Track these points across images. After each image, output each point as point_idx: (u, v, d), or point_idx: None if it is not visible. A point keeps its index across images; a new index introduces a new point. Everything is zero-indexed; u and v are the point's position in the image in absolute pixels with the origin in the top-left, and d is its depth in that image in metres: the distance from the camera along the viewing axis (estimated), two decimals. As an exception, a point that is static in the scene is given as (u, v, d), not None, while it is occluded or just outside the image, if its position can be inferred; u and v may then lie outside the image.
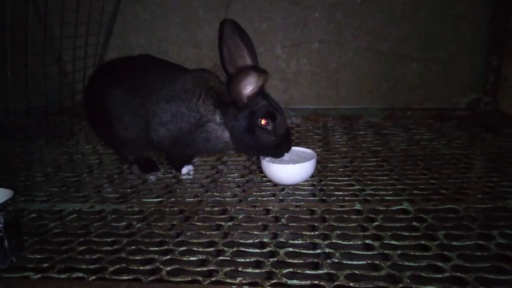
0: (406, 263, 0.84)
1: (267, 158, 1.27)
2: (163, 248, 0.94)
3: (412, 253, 0.87)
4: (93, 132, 1.54)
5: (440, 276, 0.79)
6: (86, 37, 1.70)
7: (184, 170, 1.39)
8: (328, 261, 0.85)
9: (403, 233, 0.95)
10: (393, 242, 0.91)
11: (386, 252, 0.88)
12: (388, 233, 0.95)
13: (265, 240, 0.95)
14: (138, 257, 0.90)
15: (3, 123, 1.56)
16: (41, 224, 1.08)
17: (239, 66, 1.17)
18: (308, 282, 0.79)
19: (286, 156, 1.26)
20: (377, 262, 0.84)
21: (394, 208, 1.08)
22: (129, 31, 1.97)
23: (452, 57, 1.87)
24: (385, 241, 0.92)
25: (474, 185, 1.19)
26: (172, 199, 1.20)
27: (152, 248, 0.94)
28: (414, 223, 0.99)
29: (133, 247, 0.95)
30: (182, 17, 1.93)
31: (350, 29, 1.89)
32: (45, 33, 1.53)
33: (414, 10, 1.84)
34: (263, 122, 1.18)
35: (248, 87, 1.14)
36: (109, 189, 1.29)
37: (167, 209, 1.14)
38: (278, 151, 1.22)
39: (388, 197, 1.14)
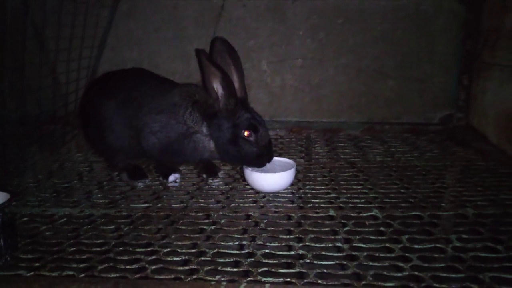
0: (371, 263, 0.92)
1: (250, 167, 1.35)
2: (149, 249, 1.01)
3: (377, 254, 0.96)
4: (85, 141, 1.61)
5: (400, 274, 0.88)
6: (80, 50, 1.78)
7: (171, 177, 1.46)
8: (301, 261, 0.93)
9: (371, 237, 1.03)
10: (361, 245, 1.00)
11: (353, 253, 0.96)
12: (357, 237, 1.03)
13: (244, 242, 1.03)
14: (125, 257, 0.97)
15: (-2, 131, 1.62)
16: (33, 227, 1.14)
17: None
18: (281, 279, 0.87)
19: (268, 165, 1.35)
20: (345, 263, 0.92)
21: (365, 214, 1.16)
22: (121, 45, 2.05)
23: (427, 75, 1.99)
24: (354, 244, 1.00)
25: (439, 194, 1.29)
26: (159, 205, 1.27)
27: (138, 249, 1.01)
28: (382, 228, 1.08)
29: (121, 248, 1.01)
30: (173, 32, 2.03)
31: (331, 47, 2.00)
32: (41, 46, 1.61)
33: (391, 31, 1.96)
34: (246, 133, 1.27)
35: (214, 80, 1.22)
36: (99, 195, 1.35)
37: (154, 214, 1.21)
38: (259, 161, 1.31)
39: (360, 205, 1.23)
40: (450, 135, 1.96)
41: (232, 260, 0.95)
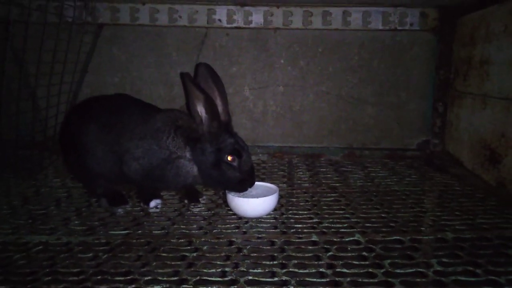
0: (354, 289, 0.92)
1: (232, 192, 1.35)
2: (128, 277, 0.98)
3: (360, 280, 0.96)
4: (64, 166, 1.57)
5: (383, 299, 0.88)
6: (61, 75, 1.77)
7: (152, 203, 1.43)
8: (284, 287, 0.93)
9: (354, 262, 1.03)
10: (344, 270, 0.99)
11: (337, 279, 0.96)
12: (340, 262, 1.03)
13: (227, 269, 1.01)
14: (103, 286, 0.94)
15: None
16: (6, 256, 1.09)
17: None
18: (265, 306, 0.86)
19: (251, 190, 1.35)
20: (328, 288, 0.92)
21: (347, 239, 1.17)
22: (104, 70, 2.06)
23: (403, 102, 2.07)
24: (337, 269, 1.00)
25: (419, 219, 1.31)
26: (140, 231, 1.24)
27: (117, 278, 0.97)
28: (364, 253, 1.08)
29: (99, 277, 0.98)
30: (155, 58, 2.05)
31: (312, 75, 2.06)
32: (21, 70, 1.59)
33: (368, 60, 2.04)
34: (229, 158, 1.28)
35: (198, 103, 1.24)
36: (76, 222, 1.31)
37: (134, 240, 1.18)
38: (242, 186, 1.31)
39: (342, 229, 1.23)
40: (428, 161, 2.02)
41: (214, 287, 0.93)
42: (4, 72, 1.50)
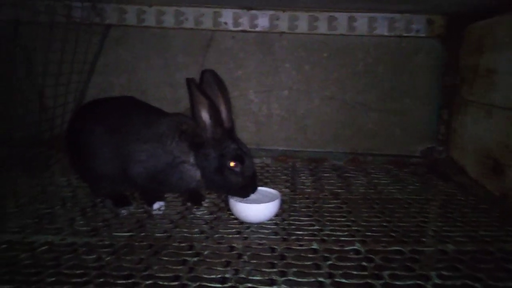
0: (353, 299, 0.93)
1: (234, 197, 1.36)
2: (130, 281, 0.99)
3: (359, 290, 0.97)
4: (70, 165, 1.59)
5: (381, 311, 0.89)
6: (69, 76, 1.79)
7: (156, 205, 1.45)
8: (283, 296, 0.94)
9: (353, 272, 1.04)
10: (343, 280, 1.00)
11: (335, 289, 0.97)
12: (340, 272, 1.04)
13: (227, 275, 1.02)
14: (106, 290, 0.96)
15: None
16: (12, 255, 1.11)
17: None
18: (263, 315, 0.87)
19: (253, 195, 1.36)
20: (327, 298, 0.93)
21: (347, 248, 1.17)
22: (110, 71, 2.07)
23: (408, 108, 2.07)
24: (336, 279, 1.01)
25: (420, 229, 1.31)
26: (142, 234, 1.26)
27: (119, 281, 0.99)
28: (364, 263, 1.09)
29: (102, 280, 0.99)
30: (162, 60, 2.06)
31: (316, 79, 2.07)
32: (29, 71, 1.61)
33: (373, 65, 2.04)
34: (232, 164, 1.29)
35: (202, 109, 1.25)
36: (81, 222, 1.33)
37: (137, 243, 1.19)
38: (244, 191, 1.32)
39: (343, 238, 1.24)
40: (432, 168, 2.01)
41: (214, 294, 0.95)
42: (13, 72, 1.52)
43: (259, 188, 1.39)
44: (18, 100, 1.59)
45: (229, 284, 0.98)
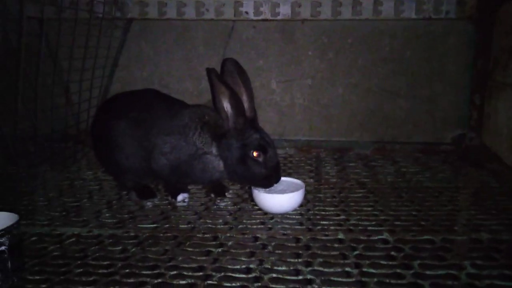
0: (382, 290, 0.90)
1: (258, 188, 1.34)
2: (155, 271, 1.00)
3: (388, 281, 0.93)
4: (95, 159, 1.62)
5: (411, 302, 0.85)
6: (92, 70, 1.81)
7: (180, 197, 1.45)
8: (309, 286, 0.91)
9: (381, 262, 1.01)
10: (371, 270, 0.97)
11: (363, 279, 0.94)
12: (367, 262, 1.01)
13: (251, 266, 1.01)
14: (131, 280, 0.96)
15: (10, 150, 1.65)
16: (41, 247, 1.14)
17: None
18: (289, 305, 0.85)
19: (277, 186, 1.34)
20: (354, 289, 0.90)
21: (375, 238, 1.14)
22: (133, 65, 2.09)
23: (437, 94, 1.98)
24: (364, 269, 0.98)
25: (452, 218, 1.26)
26: (167, 225, 1.26)
27: (145, 272, 1.00)
28: (393, 253, 1.05)
29: (127, 271, 1.00)
30: (183, 52, 2.06)
31: (341, 67, 2.01)
32: (55, 67, 1.65)
33: (400, 51, 1.96)
34: (255, 154, 1.27)
35: (224, 99, 1.23)
36: (107, 214, 1.36)
37: (162, 234, 1.20)
38: (267, 182, 1.30)
39: (370, 227, 1.20)
40: (463, 155, 1.93)
41: (238, 284, 0.94)
42: (39, 68, 1.55)
43: (283, 178, 1.37)
44: (45, 96, 1.63)
45: (254, 274, 0.97)
